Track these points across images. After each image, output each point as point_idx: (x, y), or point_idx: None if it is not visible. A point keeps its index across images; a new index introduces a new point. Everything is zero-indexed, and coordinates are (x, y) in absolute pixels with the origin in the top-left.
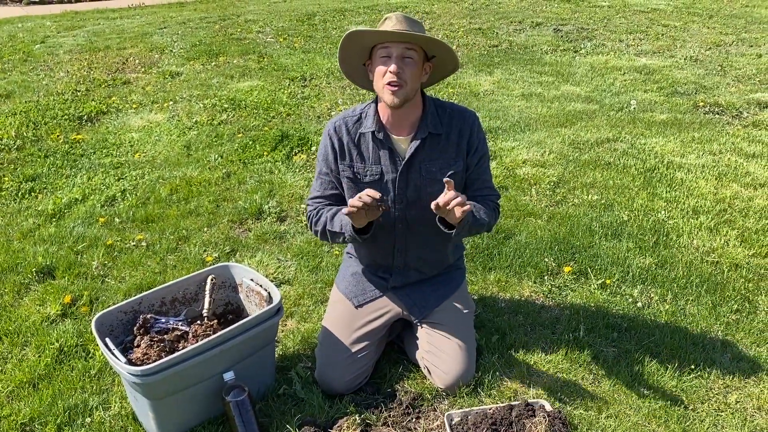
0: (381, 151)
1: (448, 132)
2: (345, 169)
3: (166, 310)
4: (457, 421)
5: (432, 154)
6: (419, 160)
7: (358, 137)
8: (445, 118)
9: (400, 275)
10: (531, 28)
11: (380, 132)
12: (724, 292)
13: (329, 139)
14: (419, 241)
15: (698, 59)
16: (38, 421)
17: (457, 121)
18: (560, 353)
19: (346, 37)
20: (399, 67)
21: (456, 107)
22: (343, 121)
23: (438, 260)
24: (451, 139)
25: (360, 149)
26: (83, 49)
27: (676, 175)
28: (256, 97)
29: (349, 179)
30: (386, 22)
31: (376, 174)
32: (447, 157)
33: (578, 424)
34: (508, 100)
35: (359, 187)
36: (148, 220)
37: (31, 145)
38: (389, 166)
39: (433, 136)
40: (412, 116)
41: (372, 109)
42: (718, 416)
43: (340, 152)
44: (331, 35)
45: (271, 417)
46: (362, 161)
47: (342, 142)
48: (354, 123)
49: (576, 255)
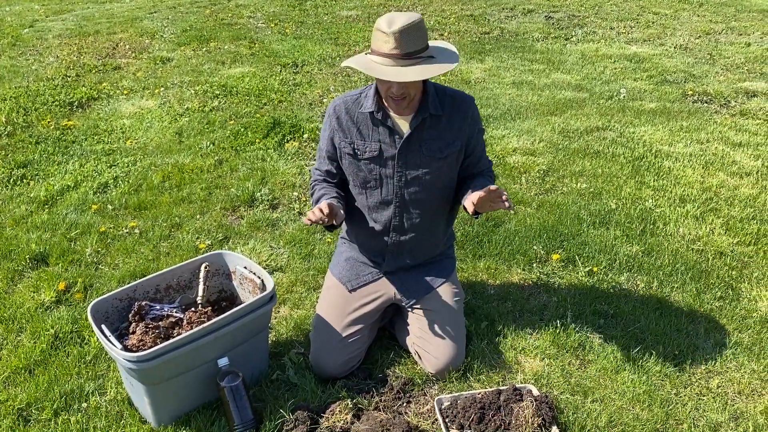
0: (380, 129)
1: (449, 113)
2: (345, 146)
3: (161, 297)
4: (446, 405)
5: (432, 134)
6: (419, 139)
7: (357, 116)
8: (446, 100)
9: (393, 258)
10: (522, 15)
11: (379, 112)
12: (708, 280)
13: (330, 119)
14: (414, 219)
15: (688, 47)
16: (35, 406)
17: (458, 103)
18: (548, 339)
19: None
20: (402, 90)
21: (455, 91)
22: (343, 101)
23: (430, 241)
24: (451, 119)
25: (359, 127)
26: (72, 33)
27: (663, 164)
28: (247, 83)
29: (349, 155)
30: (382, 43)
31: (375, 151)
32: (446, 137)
33: (564, 408)
34: (499, 88)
35: (359, 163)
36: (140, 207)
37: (21, 132)
38: (389, 142)
39: (433, 117)
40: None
41: (372, 90)
42: (700, 400)
43: (340, 131)
44: (323, 21)
45: (264, 402)
46: (362, 138)
47: (341, 120)
48: (353, 102)
49: (564, 243)
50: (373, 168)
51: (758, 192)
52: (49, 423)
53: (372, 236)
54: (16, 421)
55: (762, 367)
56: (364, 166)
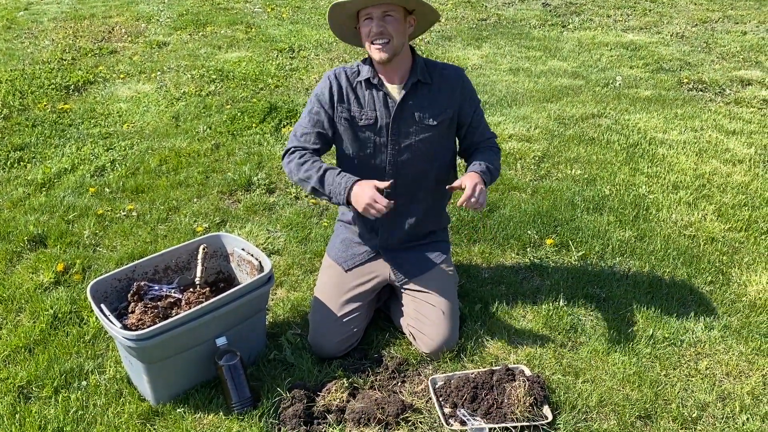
0: (376, 96)
1: (438, 83)
2: (343, 112)
3: (159, 277)
4: (440, 384)
5: (423, 102)
6: (410, 106)
7: (356, 84)
8: (435, 71)
9: (386, 231)
10: (520, 2)
11: (375, 78)
12: (699, 265)
13: (329, 81)
14: (409, 187)
15: (684, 36)
16: (35, 384)
17: (448, 72)
18: (540, 322)
19: (331, 8)
20: (381, 26)
21: (444, 64)
22: (342, 70)
23: (425, 215)
24: (442, 90)
25: (357, 94)
26: (68, 17)
27: (658, 151)
28: (244, 68)
29: (346, 121)
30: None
31: (371, 119)
32: (438, 106)
33: (556, 388)
34: (495, 74)
35: (354, 130)
36: (138, 190)
37: (18, 115)
38: (383, 110)
39: (422, 85)
40: (403, 67)
41: (367, 63)
42: (688, 381)
43: (338, 96)
44: (320, 6)
45: (262, 381)
46: (359, 106)
47: (341, 86)
48: (352, 73)
49: (558, 228)
50: (369, 136)
51: (750, 179)
52: (49, 400)
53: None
54: (17, 398)
55: (750, 349)
56: (360, 134)
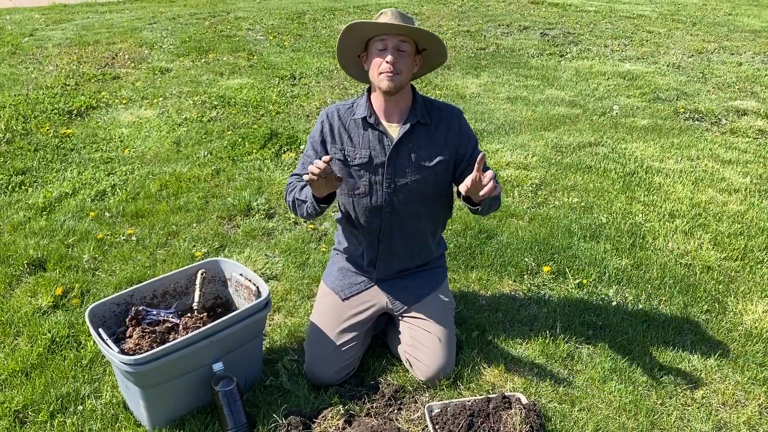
0: (371, 136)
1: (436, 124)
2: (336, 152)
3: (158, 302)
4: (437, 412)
5: (420, 142)
6: (408, 146)
7: (349, 123)
8: (434, 111)
9: (384, 265)
10: (518, 32)
11: (371, 117)
12: (695, 293)
13: (321, 124)
14: (404, 226)
15: (680, 66)
16: (31, 409)
17: (445, 114)
18: (537, 349)
19: (347, 28)
20: (395, 57)
21: (443, 103)
22: (335, 108)
23: (421, 248)
24: (439, 130)
25: (350, 133)
26: (72, 42)
27: (654, 180)
28: (245, 94)
29: (339, 161)
30: (381, 16)
31: (365, 157)
32: (435, 146)
33: (552, 416)
34: (493, 103)
35: (349, 170)
36: (137, 215)
37: (20, 139)
38: (378, 149)
39: (421, 125)
40: (403, 104)
41: (364, 99)
42: (684, 410)
43: (331, 136)
44: (321, 34)
45: (258, 407)
46: (352, 145)
47: (333, 126)
48: (346, 110)
49: (555, 255)
50: (362, 174)
51: (746, 208)
52: (45, 425)
53: (362, 244)
54: (12, 422)
55: (746, 378)
56: (354, 173)
